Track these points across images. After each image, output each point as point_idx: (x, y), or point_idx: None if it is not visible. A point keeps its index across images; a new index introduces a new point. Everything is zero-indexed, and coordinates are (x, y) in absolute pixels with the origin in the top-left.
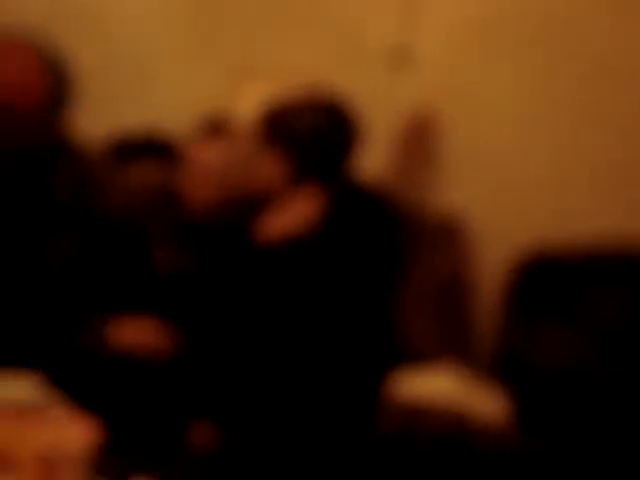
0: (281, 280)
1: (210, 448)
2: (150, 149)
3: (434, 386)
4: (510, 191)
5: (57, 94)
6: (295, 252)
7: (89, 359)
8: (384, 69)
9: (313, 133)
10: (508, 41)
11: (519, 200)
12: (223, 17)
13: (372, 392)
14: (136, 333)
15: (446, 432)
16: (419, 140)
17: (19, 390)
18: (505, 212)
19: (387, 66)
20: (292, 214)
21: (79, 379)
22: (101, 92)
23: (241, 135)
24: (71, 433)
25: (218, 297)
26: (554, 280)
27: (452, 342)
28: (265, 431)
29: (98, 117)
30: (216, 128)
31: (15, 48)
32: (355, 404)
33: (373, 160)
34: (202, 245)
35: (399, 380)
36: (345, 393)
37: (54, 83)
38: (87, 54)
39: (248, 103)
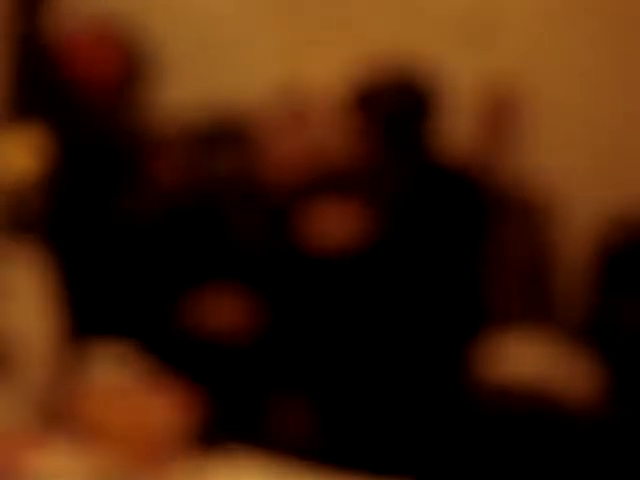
0: (366, 252)
1: (298, 425)
2: (227, 133)
3: (522, 360)
4: (596, 159)
5: (139, 78)
6: (380, 224)
7: (179, 334)
8: (463, 39)
9: (399, 111)
10: (592, 6)
11: (605, 168)
12: None
13: (459, 361)
14: (222, 312)
15: (536, 406)
16: (502, 110)
17: (116, 361)
18: (592, 181)
19: (466, 36)
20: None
21: (174, 350)
22: (183, 69)
23: (321, 111)
24: (164, 407)
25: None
26: None
27: (539, 311)
28: (352, 405)
29: (180, 94)
30: (295, 107)
31: (100, 41)
32: (443, 373)
33: (457, 132)
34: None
35: (488, 353)
36: (433, 362)
37: (137, 68)
38: (167, 33)
39: (328, 77)
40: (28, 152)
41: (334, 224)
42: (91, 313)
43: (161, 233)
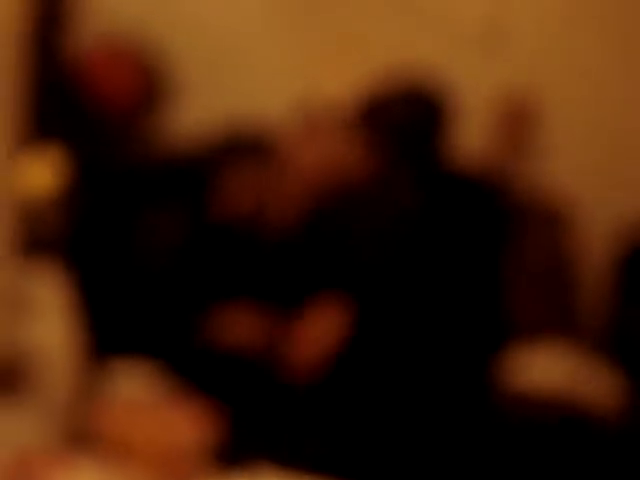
0: (387, 266)
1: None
2: (243, 147)
3: (546, 370)
4: (613, 167)
5: (157, 96)
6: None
7: (203, 350)
8: (478, 50)
9: (410, 122)
10: (606, 15)
11: (624, 175)
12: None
13: (482, 372)
14: (242, 328)
15: (559, 416)
16: (517, 120)
17: (138, 379)
18: (610, 188)
19: (481, 47)
20: None
21: (196, 368)
22: (199, 86)
23: (334, 121)
24: (187, 424)
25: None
26: None
27: (560, 320)
28: (376, 417)
29: (197, 111)
30: (313, 119)
31: (117, 60)
32: (466, 384)
33: (473, 142)
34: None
35: (511, 363)
36: (456, 373)
37: (154, 86)
38: (185, 47)
39: (340, 86)
40: (47, 171)
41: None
42: (113, 330)
43: (181, 249)
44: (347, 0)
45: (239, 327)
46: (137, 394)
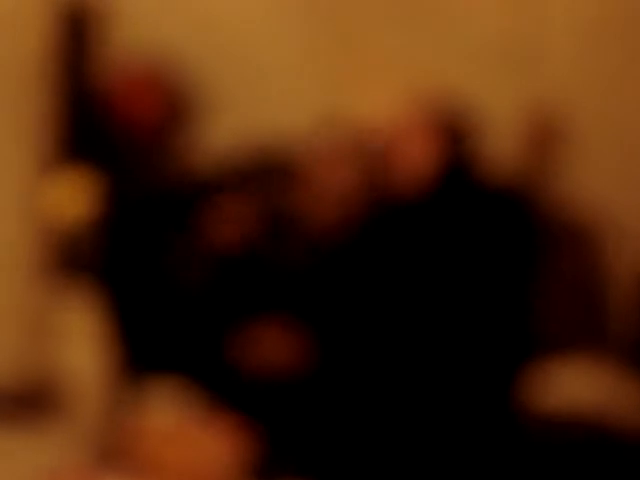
0: (413, 273)
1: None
2: (268, 167)
3: (574, 386)
4: None
5: (184, 117)
6: (427, 244)
7: (233, 369)
8: (506, 64)
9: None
10: (634, 29)
11: None
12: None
13: (511, 388)
14: (270, 347)
15: (589, 434)
16: (546, 135)
17: (167, 398)
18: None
19: (509, 62)
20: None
21: (226, 386)
22: (223, 104)
23: (370, 140)
24: (218, 443)
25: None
26: None
27: (589, 335)
28: (404, 434)
29: (222, 130)
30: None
31: (144, 80)
32: (494, 400)
33: (504, 157)
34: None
35: (539, 379)
36: (484, 389)
37: (181, 107)
38: (212, 67)
39: (375, 108)
40: (79, 195)
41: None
42: (145, 351)
43: (210, 270)
44: (374, 19)
45: (268, 344)
46: (169, 413)
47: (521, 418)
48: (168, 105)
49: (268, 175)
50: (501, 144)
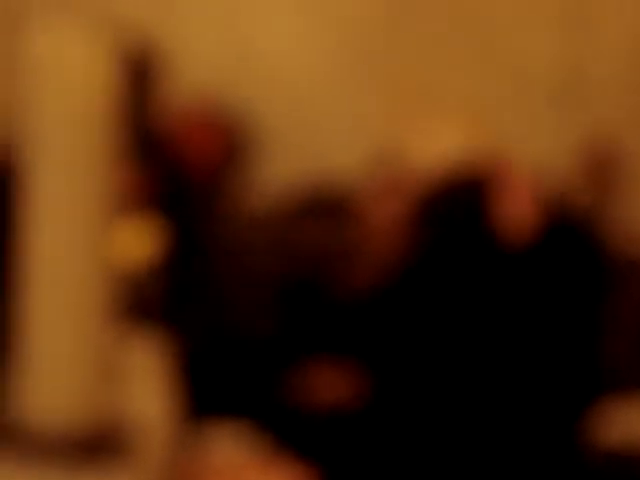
0: (477, 309)
1: None
2: (322, 205)
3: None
4: None
5: (241, 156)
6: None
7: (287, 409)
8: (555, 98)
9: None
10: None
11: None
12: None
13: (575, 427)
14: (328, 385)
15: None
16: (603, 169)
17: (234, 446)
18: None
19: (557, 96)
20: None
21: (282, 428)
22: (278, 143)
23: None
24: None
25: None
26: None
27: None
28: (462, 470)
29: (277, 169)
30: (390, 177)
31: (198, 125)
32: (558, 438)
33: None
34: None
35: (604, 418)
36: (547, 427)
37: (238, 146)
38: (265, 104)
39: (422, 150)
40: (144, 238)
41: None
42: (206, 394)
43: (268, 310)
44: (428, 58)
45: (327, 385)
46: (231, 455)
47: (586, 453)
48: (226, 145)
49: (325, 212)
50: (559, 181)
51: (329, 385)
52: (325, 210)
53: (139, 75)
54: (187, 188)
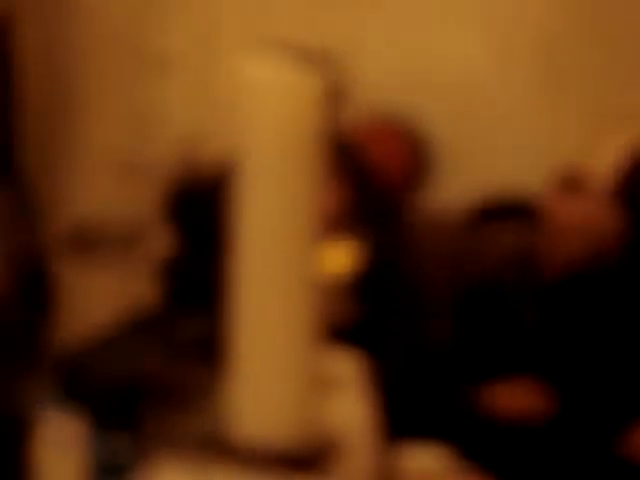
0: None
1: None
2: (510, 211)
3: None
4: None
5: (421, 169)
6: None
7: (469, 425)
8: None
9: None
10: None
11: None
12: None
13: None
14: (511, 397)
15: None
16: None
17: (428, 459)
18: None
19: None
20: None
21: (470, 441)
22: (454, 157)
23: (599, 190)
24: None
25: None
26: None
27: None
28: None
29: (454, 184)
30: (575, 183)
31: (387, 132)
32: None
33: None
34: (564, 303)
35: None
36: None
37: (419, 160)
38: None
39: (607, 156)
40: (346, 254)
41: None
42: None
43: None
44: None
45: (519, 398)
46: (427, 467)
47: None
48: (412, 155)
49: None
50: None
51: (516, 398)
52: (511, 213)
53: (334, 94)
54: (382, 201)
